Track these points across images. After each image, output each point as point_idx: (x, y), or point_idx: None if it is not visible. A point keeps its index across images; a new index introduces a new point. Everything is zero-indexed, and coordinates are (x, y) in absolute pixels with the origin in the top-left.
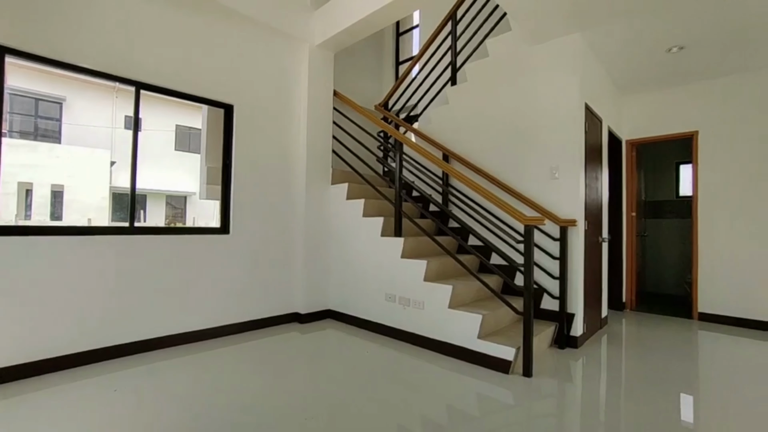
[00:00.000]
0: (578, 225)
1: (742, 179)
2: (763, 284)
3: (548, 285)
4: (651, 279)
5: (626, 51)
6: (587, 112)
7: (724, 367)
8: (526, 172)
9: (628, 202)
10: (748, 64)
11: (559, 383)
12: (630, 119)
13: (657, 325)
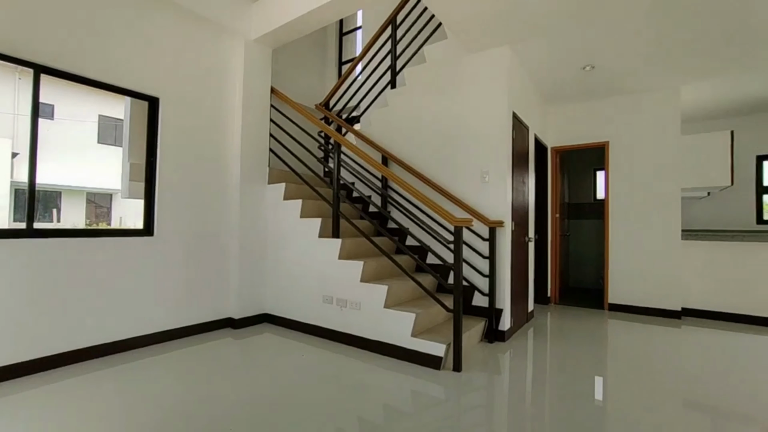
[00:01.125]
0: (506, 226)
1: (643, 186)
2: (658, 277)
3: (479, 283)
4: (573, 275)
5: (549, 66)
6: (515, 121)
7: (628, 350)
8: (460, 176)
9: (552, 205)
10: (647, 85)
11: (487, 375)
12: (554, 128)
13: (576, 316)
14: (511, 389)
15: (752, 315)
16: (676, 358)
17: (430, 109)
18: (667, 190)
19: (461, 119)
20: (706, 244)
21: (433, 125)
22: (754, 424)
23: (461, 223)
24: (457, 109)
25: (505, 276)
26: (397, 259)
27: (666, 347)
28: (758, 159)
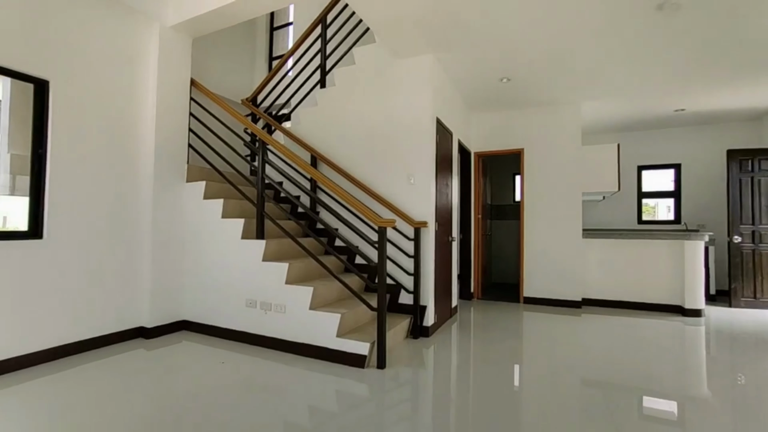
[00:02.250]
0: (430, 226)
1: (551, 190)
2: (563, 272)
3: (405, 281)
4: (496, 271)
5: (471, 76)
6: (439, 126)
7: (539, 337)
8: (387, 177)
9: (475, 206)
10: (555, 99)
11: (411, 370)
12: (477, 134)
13: (496, 310)
14: (433, 381)
15: (637, 301)
16: (576, 342)
17: (358, 110)
18: (571, 194)
19: (388, 122)
20: (601, 241)
21: (361, 127)
22: (640, 393)
23: (385, 224)
24: (385, 113)
25: (429, 274)
26: (325, 260)
27: (569, 333)
28: (639, 168)
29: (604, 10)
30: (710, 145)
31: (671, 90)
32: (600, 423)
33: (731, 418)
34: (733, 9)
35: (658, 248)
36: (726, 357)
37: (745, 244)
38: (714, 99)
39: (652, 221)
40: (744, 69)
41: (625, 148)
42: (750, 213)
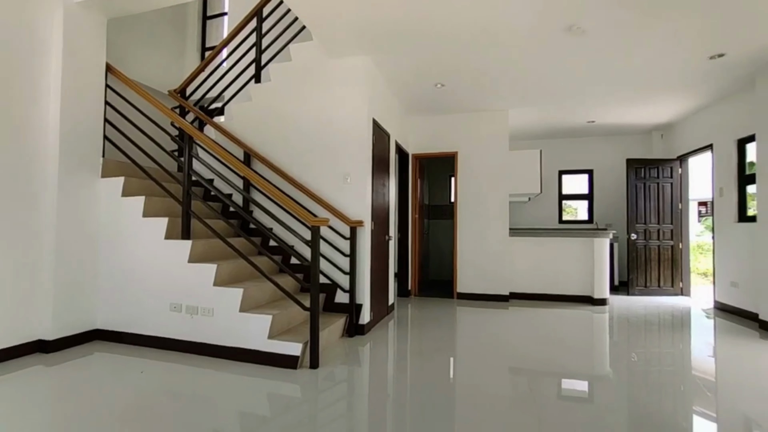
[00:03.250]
0: (366, 225)
1: (482, 191)
2: (492, 268)
3: (341, 280)
4: (434, 269)
5: (407, 80)
6: (375, 127)
7: (470, 330)
8: (324, 176)
9: (413, 206)
10: (485, 106)
11: (346, 368)
12: (415, 136)
13: (431, 306)
14: (368, 378)
15: (556, 293)
16: (504, 333)
17: (294, 108)
18: (499, 196)
19: (324, 121)
20: (526, 239)
21: (297, 125)
22: (558, 377)
23: (318, 223)
24: (321, 111)
25: (365, 273)
26: (258, 261)
27: (497, 326)
28: (559, 173)
29: (523, 28)
30: (615, 154)
31: (583, 103)
32: (525, 406)
33: (627, 391)
34: (626, 40)
35: (573, 245)
36: (623, 339)
37: (639, 240)
38: (617, 114)
39: (571, 221)
40: (639, 90)
41: (548, 154)
42: (643, 214)
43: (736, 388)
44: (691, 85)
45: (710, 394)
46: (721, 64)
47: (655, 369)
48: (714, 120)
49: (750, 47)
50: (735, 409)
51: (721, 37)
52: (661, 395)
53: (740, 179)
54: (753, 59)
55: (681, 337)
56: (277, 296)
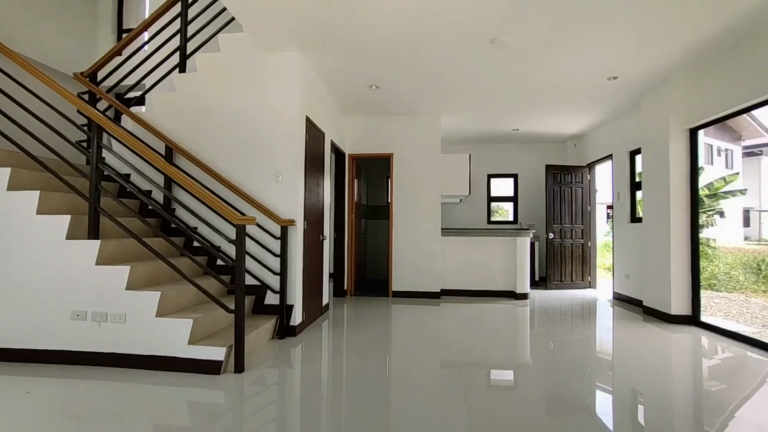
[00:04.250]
0: (297, 224)
1: (416, 192)
2: (425, 267)
3: (272, 281)
4: (371, 268)
5: (342, 80)
6: (309, 125)
7: (404, 327)
8: (254, 174)
9: (349, 206)
10: (418, 110)
11: (276, 371)
12: (351, 136)
13: (367, 305)
14: (299, 379)
15: (484, 289)
16: (435, 328)
17: (223, 101)
18: (432, 197)
19: (255, 117)
20: (457, 239)
21: (226, 119)
22: (486, 367)
23: (243, 221)
24: (252, 107)
25: (297, 273)
26: (181, 262)
27: (429, 321)
28: (488, 176)
29: (451, 38)
30: (536, 160)
31: (508, 112)
32: (456, 397)
33: (545, 376)
34: (541, 57)
35: (498, 244)
36: (542, 329)
37: (556, 239)
38: (538, 123)
39: (498, 221)
40: (554, 103)
41: (477, 159)
42: (559, 215)
43: (626, 365)
44: (595, 101)
45: (610, 372)
46: (616, 86)
47: (567, 354)
48: (613, 133)
49: (636, 73)
50: (626, 382)
51: (615, 62)
52: (572, 377)
53: (632, 186)
54: (639, 83)
55: (588, 324)
56: (202, 299)
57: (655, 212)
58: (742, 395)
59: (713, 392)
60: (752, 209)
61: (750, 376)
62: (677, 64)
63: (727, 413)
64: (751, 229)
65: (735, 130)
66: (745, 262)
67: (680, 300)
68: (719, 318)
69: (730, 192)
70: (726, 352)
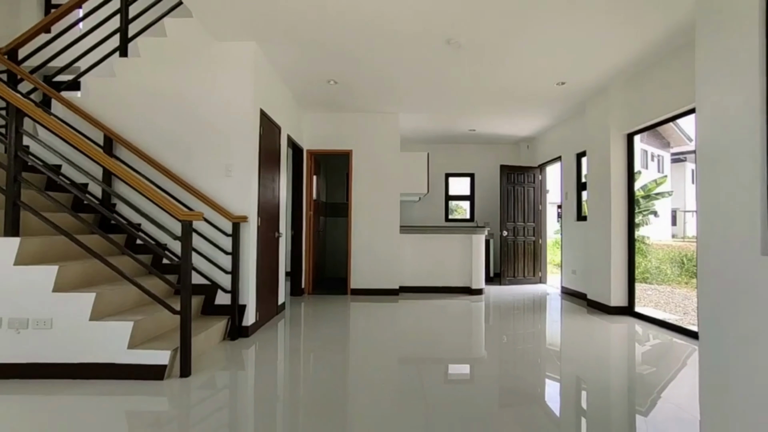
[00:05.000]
0: (250, 221)
1: (375, 190)
2: (384, 264)
3: (222, 280)
4: (331, 267)
5: (300, 73)
6: (264, 118)
7: (362, 324)
8: (203, 168)
9: (307, 203)
10: (377, 107)
11: (227, 373)
12: (310, 132)
13: (325, 303)
14: (252, 381)
15: (441, 285)
16: (394, 325)
17: (170, 90)
18: (391, 194)
19: (205, 108)
20: (415, 236)
21: (173, 109)
22: (443, 362)
23: (189, 217)
24: (201, 97)
25: (250, 271)
26: (121, 261)
27: (388, 318)
28: (446, 175)
29: (409, 36)
30: (492, 160)
31: (465, 113)
32: (414, 392)
33: (499, 368)
34: (494, 59)
35: (455, 241)
36: (496, 323)
37: (510, 237)
38: (493, 125)
39: (456, 219)
40: (508, 106)
41: (436, 158)
42: (512, 213)
43: (571, 354)
44: (546, 105)
45: (558, 362)
46: (564, 90)
47: (519, 347)
48: (562, 136)
49: (582, 80)
50: (571, 371)
51: (563, 68)
52: (524, 368)
53: (578, 186)
54: (584, 89)
55: (538, 318)
56: (146, 301)
57: (598, 211)
58: (667, 377)
59: (644, 375)
60: (678, 210)
61: (673, 360)
62: (617, 73)
63: (654, 394)
64: (678, 228)
65: (665, 138)
66: (672, 257)
67: (618, 293)
68: (650, 308)
69: (660, 193)
70: (655, 339)
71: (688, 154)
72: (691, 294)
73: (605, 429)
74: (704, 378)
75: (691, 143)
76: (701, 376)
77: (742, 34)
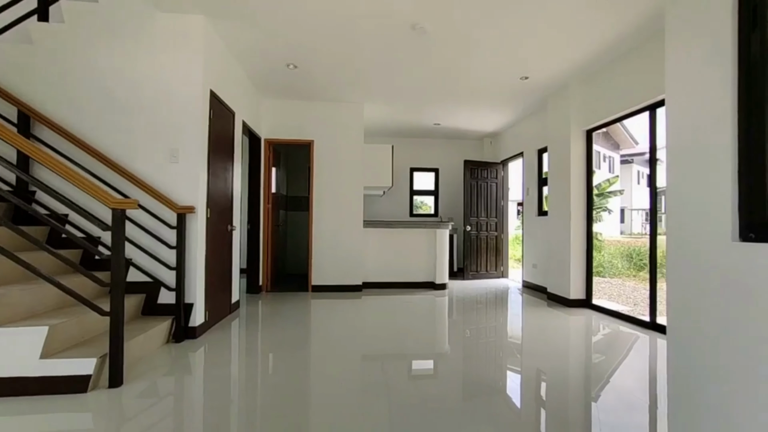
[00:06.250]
0: (198, 212)
1: (337, 183)
2: (347, 260)
3: (166, 277)
4: (291, 262)
5: (256, 55)
6: (215, 101)
7: (324, 321)
8: (143, 153)
9: (265, 195)
10: (341, 96)
11: (167, 380)
12: (269, 120)
13: (285, 301)
14: (198, 387)
15: (405, 281)
16: (357, 321)
17: (103, 62)
18: (355, 188)
19: (145, 85)
20: (379, 231)
21: (106, 84)
22: (407, 357)
23: (121, 205)
24: (142, 73)
25: (198, 267)
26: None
27: (350, 315)
28: (411, 170)
29: (372, 18)
30: (456, 155)
31: (430, 105)
32: (377, 389)
33: (462, 363)
34: (460, 49)
35: (419, 236)
36: (459, 318)
37: (473, 232)
38: (457, 120)
39: (420, 214)
40: (472, 101)
41: (401, 152)
42: (476, 208)
43: (532, 347)
44: (509, 99)
45: (515, 351)
46: (528, 85)
47: (482, 340)
48: (524, 132)
49: (544, 75)
50: (531, 363)
51: (527, 63)
52: (486, 362)
53: (539, 182)
54: (546, 85)
55: (500, 312)
56: (70, 302)
57: (558, 206)
58: (615, 363)
59: (597, 364)
60: (626, 208)
61: (620, 347)
62: (577, 69)
63: (604, 379)
64: (626, 225)
65: (615, 140)
66: (622, 252)
67: (577, 286)
68: (604, 300)
69: (612, 192)
70: (607, 329)
71: (635, 156)
72: (638, 286)
73: (562, 416)
74: (673, 369)
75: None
76: (670, 367)
77: (712, 20)
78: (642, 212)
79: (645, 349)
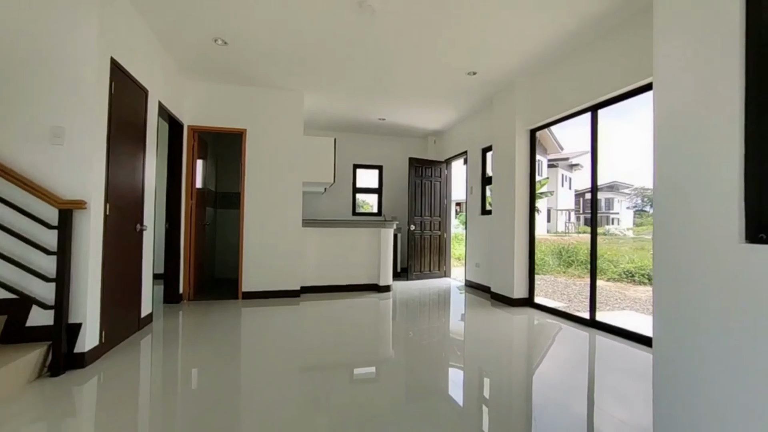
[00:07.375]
0: (91, 208)
1: (273, 177)
2: (283, 263)
3: (41, 291)
4: (219, 266)
5: (175, 25)
6: (119, 72)
7: (257, 331)
8: (14, 131)
9: (187, 190)
10: (278, 82)
11: (35, 427)
12: (193, 104)
13: (210, 311)
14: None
15: (347, 284)
16: (295, 330)
17: None
18: (293, 183)
19: (20, 43)
20: (319, 231)
21: None
22: (348, 366)
23: None
24: (15, 24)
25: (90, 276)
26: None
27: (288, 323)
28: (354, 166)
29: None
30: (400, 153)
31: (376, 96)
32: (318, 401)
33: (406, 366)
34: (410, 34)
35: (362, 236)
36: (403, 320)
37: (417, 231)
38: (402, 116)
39: (363, 213)
40: (418, 94)
41: (344, 147)
42: (420, 207)
43: (475, 345)
44: (456, 95)
45: (459, 353)
46: (475, 81)
47: (425, 341)
48: (468, 131)
49: (491, 72)
50: (474, 361)
51: (474, 58)
52: (430, 362)
53: (483, 180)
54: (493, 82)
55: (443, 311)
56: None
57: (502, 205)
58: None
59: (533, 358)
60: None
61: (545, 338)
62: (522, 69)
63: (533, 372)
64: (551, 224)
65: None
66: (552, 250)
67: (521, 285)
68: (542, 297)
69: (544, 193)
70: (554, 328)
71: (559, 161)
72: (569, 282)
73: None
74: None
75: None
76: (656, 376)
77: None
78: (566, 212)
79: (585, 346)
